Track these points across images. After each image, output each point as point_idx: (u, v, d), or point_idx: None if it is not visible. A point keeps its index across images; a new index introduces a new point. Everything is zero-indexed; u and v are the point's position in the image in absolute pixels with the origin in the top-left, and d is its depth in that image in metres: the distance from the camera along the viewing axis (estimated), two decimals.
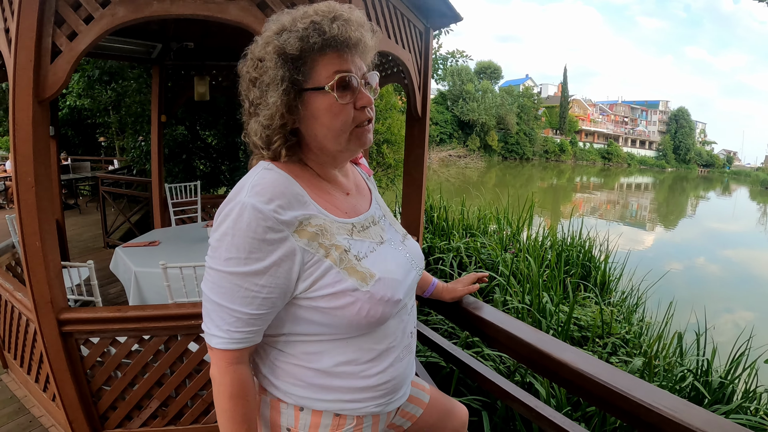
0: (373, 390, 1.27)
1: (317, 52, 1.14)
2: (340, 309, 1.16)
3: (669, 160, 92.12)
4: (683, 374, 3.92)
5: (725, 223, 29.64)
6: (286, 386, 1.25)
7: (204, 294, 1.16)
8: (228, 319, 1.12)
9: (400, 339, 1.33)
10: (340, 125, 1.18)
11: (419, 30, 4.00)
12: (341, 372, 1.23)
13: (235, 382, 1.16)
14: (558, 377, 1.46)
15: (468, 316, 1.80)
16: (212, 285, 1.13)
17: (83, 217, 10.81)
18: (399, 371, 1.34)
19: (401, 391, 1.38)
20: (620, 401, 1.26)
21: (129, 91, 8.96)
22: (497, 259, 6.05)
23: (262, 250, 1.09)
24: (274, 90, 1.15)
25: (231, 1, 2.47)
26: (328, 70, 1.15)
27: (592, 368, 1.36)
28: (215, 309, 1.14)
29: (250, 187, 1.13)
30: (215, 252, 1.11)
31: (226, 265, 1.10)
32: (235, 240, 1.08)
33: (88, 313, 2.83)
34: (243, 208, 1.09)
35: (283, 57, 1.13)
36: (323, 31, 1.12)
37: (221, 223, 1.11)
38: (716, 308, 10.41)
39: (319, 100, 1.16)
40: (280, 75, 1.14)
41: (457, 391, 3.27)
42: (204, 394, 2.98)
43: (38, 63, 2.44)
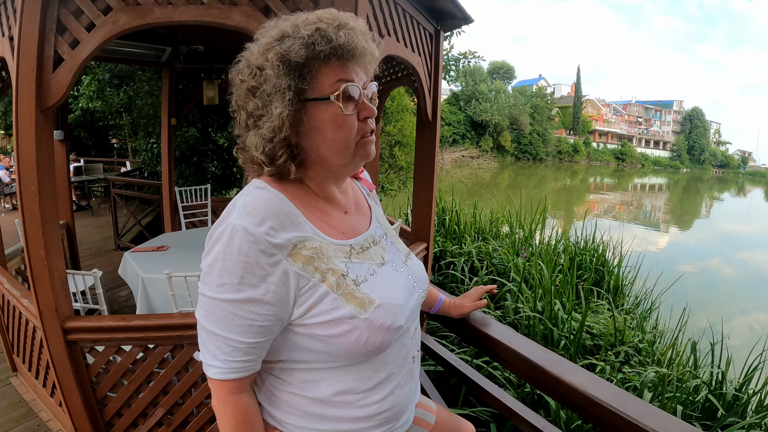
0: (372, 419, 1.22)
1: (322, 61, 1.08)
2: (337, 337, 1.11)
3: (683, 161, 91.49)
4: (697, 386, 3.85)
5: (740, 224, 29.36)
6: (281, 414, 1.21)
7: (198, 322, 1.11)
8: (224, 348, 1.08)
9: (401, 365, 1.27)
10: (344, 137, 1.13)
11: (429, 33, 3.95)
12: (339, 401, 1.18)
13: (237, 412, 1.12)
14: (567, 401, 1.41)
15: (474, 332, 1.75)
16: (206, 313, 1.09)
17: (95, 219, 10.86)
18: (400, 399, 1.28)
19: (402, 418, 1.32)
20: (631, 429, 1.21)
21: (140, 94, 8.99)
22: (509, 264, 5.99)
23: (255, 275, 1.04)
24: (278, 100, 1.08)
25: (234, 7, 2.44)
26: (332, 79, 1.09)
27: (603, 393, 1.31)
28: (211, 338, 1.09)
29: (241, 207, 1.08)
30: (207, 278, 1.07)
31: (219, 292, 1.05)
32: (227, 265, 1.04)
33: (92, 322, 2.82)
34: (234, 231, 1.04)
35: (287, 64, 1.07)
36: (330, 38, 1.06)
37: (212, 246, 1.06)
38: (731, 311, 10.31)
39: (322, 111, 1.10)
40: (285, 84, 1.07)
41: (466, 401, 3.23)
42: (209, 402, 2.95)
43: (40, 71, 2.43)
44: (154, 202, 8.55)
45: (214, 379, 1.10)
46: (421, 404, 1.57)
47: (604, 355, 4.24)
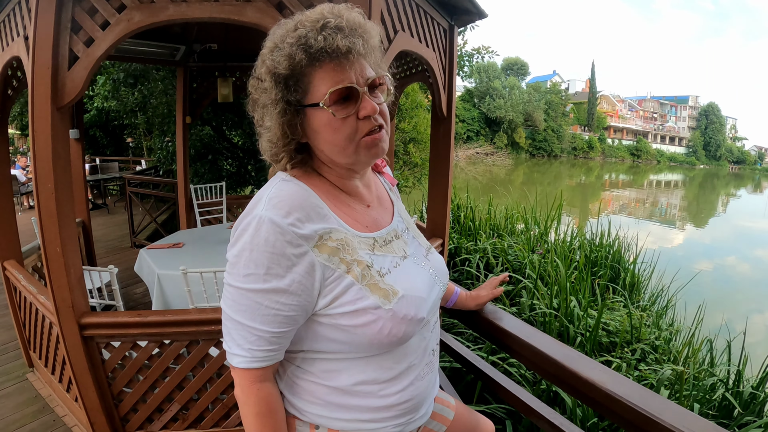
0: (392, 410, 1.23)
1: (309, 67, 1.09)
2: (360, 327, 1.12)
3: (699, 157, 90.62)
4: (714, 384, 3.81)
5: (756, 221, 29.02)
6: (302, 403, 1.22)
7: (223, 312, 1.13)
8: (249, 337, 1.09)
9: (421, 357, 1.28)
10: (342, 139, 1.13)
11: (443, 28, 3.94)
12: (359, 391, 1.19)
13: (260, 401, 1.14)
14: (585, 397, 1.39)
15: (490, 327, 1.74)
16: (231, 303, 1.10)
17: (111, 217, 10.96)
18: (420, 390, 1.29)
19: (422, 410, 1.32)
20: (650, 426, 1.19)
21: (155, 93, 9.03)
22: (524, 260, 5.97)
23: (281, 266, 1.05)
24: (271, 111, 1.13)
25: (248, 3, 2.44)
26: (325, 84, 1.09)
27: (621, 389, 1.29)
28: (236, 327, 1.10)
29: (268, 199, 1.10)
30: (233, 268, 1.08)
31: (245, 282, 1.06)
32: (254, 255, 1.05)
33: (108, 318, 2.83)
34: (260, 222, 1.05)
35: (275, 77, 1.10)
36: (309, 45, 1.06)
37: (239, 237, 1.08)
38: (747, 308, 10.19)
39: (317, 116, 1.12)
40: (274, 96, 1.11)
41: (481, 398, 3.22)
42: (225, 398, 2.98)
43: (56, 70, 2.45)
44: (170, 200, 8.60)
45: (238, 368, 1.12)
46: (440, 399, 1.57)
47: (620, 352, 4.21)
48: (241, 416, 1.16)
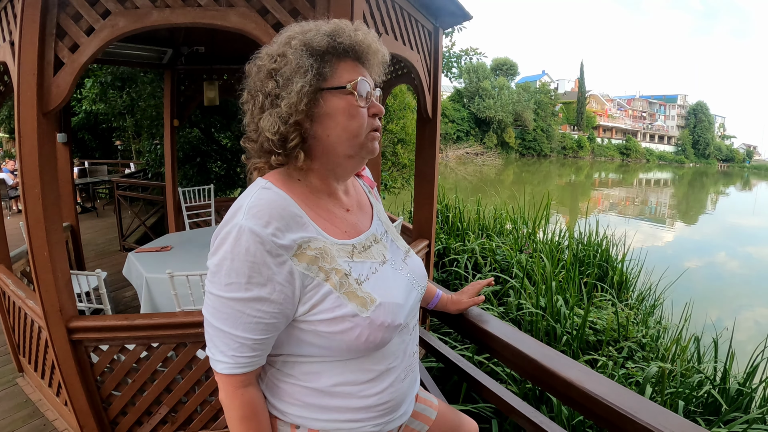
0: (371, 410, 1.26)
1: (337, 57, 1.17)
2: (339, 334, 1.15)
3: (688, 155, 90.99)
4: (700, 381, 3.85)
5: (746, 218, 29.20)
6: (283, 405, 1.24)
7: (206, 319, 1.15)
8: (232, 344, 1.12)
9: (401, 359, 1.32)
10: (356, 127, 1.19)
11: (428, 30, 3.96)
12: (339, 392, 1.22)
13: (244, 405, 1.17)
14: (563, 396, 1.42)
15: (473, 329, 1.77)
16: (213, 311, 1.12)
17: (100, 221, 10.90)
18: (400, 391, 1.32)
19: (401, 409, 1.36)
20: (627, 424, 1.22)
21: (143, 95, 9.02)
22: (512, 260, 6.00)
23: (262, 275, 1.08)
24: (300, 77, 1.13)
25: (231, 8, 2.46)
26: (350, 74, 1.17)
27: (599, 388, 1.32)
28: (218, 335, 1.13)
29: (247, 209, 1.11)
30: (214, 277, 1.10)
31: (226, 291, 1.09)
32: (235, 265, 1.07)
33: (96, 322, 2.84)
34: (240, 232, 1.07)
35: (310, 50, 1.14)
36: (349, 34, 1.16)
37: (219, 246, 1.10)
38: (736, 305, 10.27)
39: (337, 100, 1.17)
40: (307, 64, 1.13)
41: (467, 397, 3.24)
42: (213, 400, 2.99)
43: (41, 75, 2.46)
44: (158, 203, 8.57)
45: (222, 373, 1.15)
46: (422, 399, 1.60)
47: (607, 350, 4.24)
48: (226, 420, 1.19)
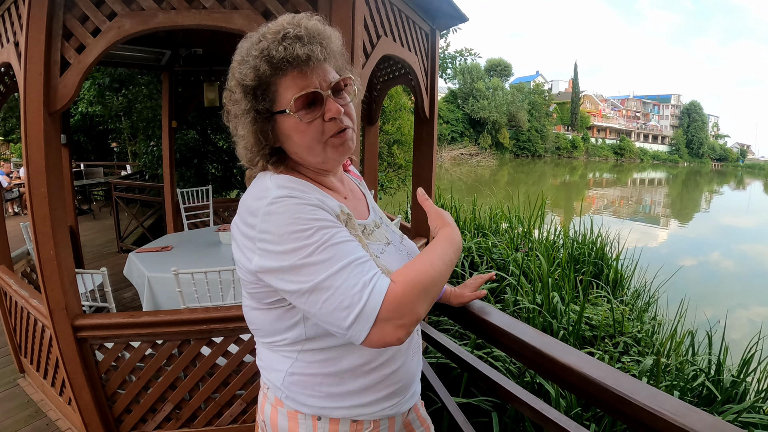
0: (386, 391, 1.29)
1: (274, 76, 1.15)
2: None
3: (682, 155, 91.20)
4: (695, 373, 3.90)
5: (739, 217, 29.28)
6: (303, 398, 1.26)
7: (319, 289, 1.04)
8: (360, 269, 1.05)
9: (408, 340, 1.32)
10: (309, 141, 1.19)
11: (425, 32, 4.01)
12: (358, 375, 1.25)
13: (408, 287, 1.06)
14: (563, 381, 1.46)
15: (476, 320, 1.80)
16: (319, 268, 1.04)
17: (97, 223, 10.90)
18: (409, 370, 1.36)
19: (411, 389, 1.40)
20: (624, 405, 1.25)
21: (140, 97, 9.02)
22: (508, 258, 6.05)
23: (316, 214, 1.09)
24: (243, 121, 1.20)
25: (235, 11, 2.50)
26: (290, 91, 1.15)
27: (597, 372, 1.35)
28: (344, 277, 1.03)
29: (275, 187, 1.14)
30: (289, 253, 1.05)
31: (307, 248, 1.05)
32: (291, 227, 1.06)
33: (102, 319, 2.87)
34: (281, 200, 1.09)
35: (244, 89, 1.17)
36: (271, 56, 1.12)
37: (268, 227, 1.08)
38: (730, 303, 10.28)
39: (286, 122, 1.18)
40: (244, 107, 1.18)
41: (467, 391, 3.28)
42: (217, 396, 3.02)
43: (48, 76, 2.49)
44: (156, 205, 8.58)
45: (386, 293, 1.03)
46: (422, 419, 1.60)
47: (603, 345, 4.29)
48: (434, 274, 1.11)
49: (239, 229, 1.16)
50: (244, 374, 2.99)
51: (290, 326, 1.22)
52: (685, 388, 3.66)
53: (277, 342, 1.26)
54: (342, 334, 1.04)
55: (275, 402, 1.31)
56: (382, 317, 1.02)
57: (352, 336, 1.03)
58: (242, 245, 1.15)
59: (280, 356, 1.27)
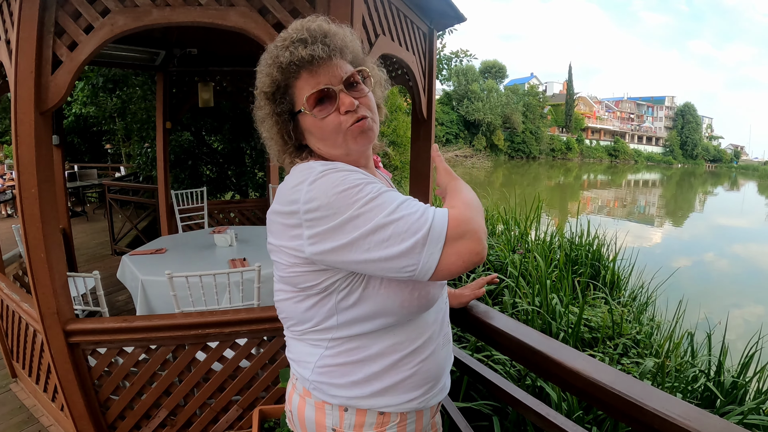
0: (412, 383, 1.29)
1: (288, 80, 1.23)
2: (395, 286, 1.18)
3: (676, 156, 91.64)
4: (695, 375, 3.88)
5: (734, 218, 29.42)
6: (330, 389, 1.27)
7: (380, 226, 1.05)
8: (414, 202, 1.09)
9: (439, 328, 1.37)
10: (328, 134, 1.24)
11: (423, 31, 3.98)
12: (384, 367, 1.25)
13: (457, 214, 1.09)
14: (571, 386, 1.42)
15: (477, 323, 1.77)
16: (371, 215, 1.06)
17: (91, 225, 10.83)
18: (439, 360, 1.36)
19: (441, 382, 1.39)
20: (634, 410, 1.23)
21: (134, 98, 8.98)
22: (506, 260, 6.01)
23: (367, 178, 1.12)
24: (266, 125, 1.31)
25: (231, 8, 2.46)
26: (304, 91, 1.21)
27: (605, 376, 1.32)
28: (402, 211, 1.06)
29: (319, 165, 1.17)
30: (342, 210, 1.06)
31: (359, 197, 1.07)
32: (343, 184, 1.09)
33: (94, 324, 2.83)
34: (326, 173, 1.12)
35: (265, 95, 1.26)
36: (281, 63, 1.20)
37: (313, 195, 1.09)
38: (726, 303, 10.33)
39: (305, 120, 1.25)
40: (266, 111, 1.28)
41: (467, 395, 3.24)
42: (212, 402, 2.98)
43: (39, 74, 2.45)
44: (150, 207, 8.53)
45: (446, 223, 1.06)
46: None
47: (602, 347, 4.26)
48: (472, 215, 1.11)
49: (278, 218, 1.19)
50: (240, 380, 2.95)
51: (323, 313, 1.22)
52: (686, 390, 3.63)
53: (307, 330, 1.27)
54: (413, 267, 1.05)
55: (303, 393, 1.33)
56: (452, 235, 1.04)
57: (425, 264, 1.04)
58: (284, 234, 1.17)
59: (310, 346, 1.29)
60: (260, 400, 3.01)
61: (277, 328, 2.86)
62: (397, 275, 1.08)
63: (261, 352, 2.94)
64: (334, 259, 1.10)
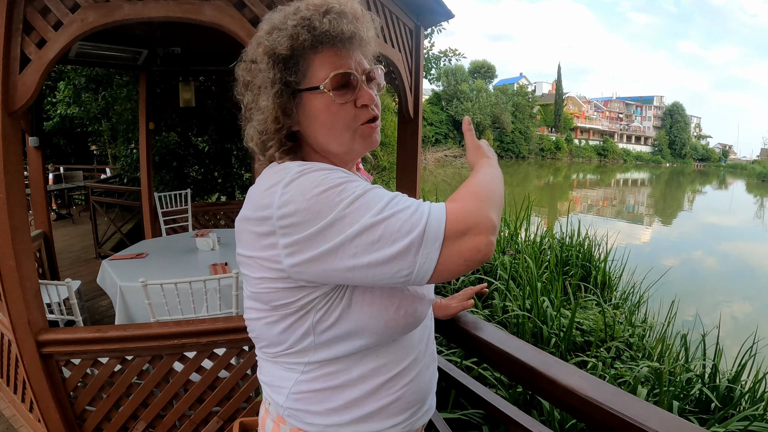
0: (396, 407, 1.17)
1: (310, 50, 1.07)
2: (379, 302, 1.06)
3: (665, 155, 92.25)
4: (690, 379, 3.82)
5: (722, 216, 29.66)
6: (305, 416, 1.15)
7: (368, 228, 0.92)
8: (406, 198, 0.97)
9: (424, 348, 1.26)
10: (340, 125, 1.10)
11: (409, 28, 3.91)
12: (366, 392, 1.13)
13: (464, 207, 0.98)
14: (563, 404, 1.34)
15: (465, 335, 1.69)
16: (358, 216, 0.93)
17: (76, 228, 10.69)
18: (425, 382, 1.25)
19: (427, 404, 1.28)
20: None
21: (119, 99, 8.88)
22: (495, 262, 5.95)
23: (349, 176, 0.99)
24: (265, 93, 1.08)
25: (206, 2, 2.37)
26: (326, 69, 1.07)
27: (603, 395, 1.24)
28: (393, 209, 0.93)
29: (296, 165, 1.03)
30: (323, 213, 0.93)
31: (342, 197, 0.94)
32: (323, 184, 0.96)
33: (67, 334, 2.75)
34: (302, 173, 0.98)
35: (274, 58, 1.06)
36: (314, 27, 1.04)
37: (289, 198, 0.96)
38: (715, 301, 10.42)
39: (316, 100, 1.09)
40: (271, 77, 1.07)
41: (456, 403, 3.16)
42: (192, 414, 2.89)
43: (6, 72, 2.35)
44: (135, 209, 8.40)
45: (446, 218, 0.93)
46: None
47: (595, 351, 4.20)
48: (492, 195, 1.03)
49: (247, 225, 1.05)
50: (219, 390, 2.86)
51: (299, 335, 1.08)
52: (681, 395, 3.58)
53: (280, 353, 1.13)
54: (408, 271, 0.93)
55: (277, 419, 1.21)
56: (452, 232, 0.92)
57: (422, 266, 0.92)
58: (255, 243, 1.03)
59: (284, 369, 1.15)
60: (241, 411, 2.93)
61: None
62: (390, 281, 0.96)
63: (241, 362, 2.86)
64: (316, 269, 0.97)
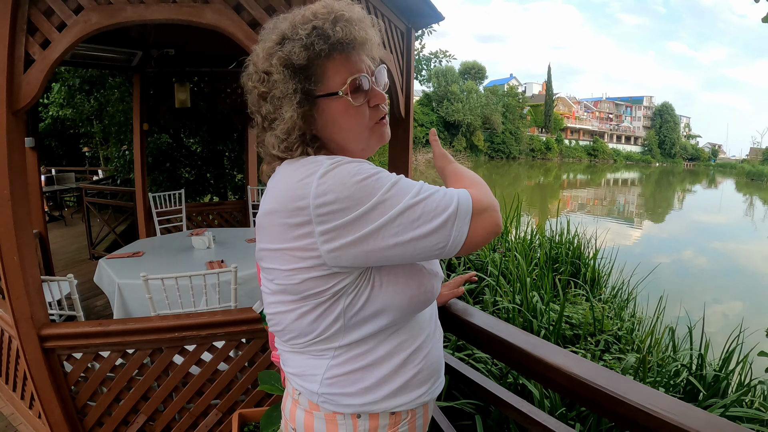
0: (420, 379, 1.27)
1: (325, 59, 1.13)
2: (403, 279, 1.16)
3: (655, 155, 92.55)
4: (677, 369, 3.90)
5: (712, 215, 29.81)
6: (341, 398, 1.21)
7: (409, 207, 1.03)
8: (432, 186, 1.09)
9: (434, 324, 1.38)
10: (358, 126, 1.18)
11: (400, 30, 3.97)
12: (394, 368, 1.22)
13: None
14: (551, 382, 1.42)
15: (458, 322, 1.76)
16: (397, 200, 1.04)
17: (69, 229, 10.67)
18: (438, 353, 1.37)
19: (441, 374, 1.39)
20: (617, 405, 1.22)
21: (111, 100, 8.89)
22: (486, 259, 6.02)
23: (380, 169, 1.07)
24: (288, 104, 1.13)
25: (206, 5, 2.43)
26: (342, 74, 1.14)
27: (586, 372, 1.32)
28: (426, 192, 1.06)
29: (326, 158, 1.09)
30: (364, 199, 1.02)
31: (380, 184, 1.04)
32: (360, 173, 1.04)
33: (69, 329, 2.78)
34: (337, 164, 1.05)
35: (291, 68, 1.12)
36: (327, 35, 1.10)
37: (327, 188, 1.03)
38: (705, 299, 10.43)
39: (334, 105, 1.15)
40: (292, 87, 1.12)
41: (449, 394, 3.23)
42: (191, 407, 2.94)
43: (11, 73, 2.40)
44: (128, 210, 8.42)
45: (470, 200, 1.08)
46: None
47: (584, 344, 4.28)
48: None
49: (276, 218, 1.09)
50: (218, 383, 2.91)
51: (329, 322, 1.15)
52: (668, 385, 3.66)
53: (309, 342, 1.20)
54: (444, 243, 1.05)
55: (309, 407, 1.26)
56: (478, 210, 1.07)
57: (455, 239, 1.05)
58: (285, 235, 1.08)
59: (314, 358, 1.22)
60: (240, 403, 2.98)
61: (255, 330, 2.83)
62: (427, 254, 1.07)
63: (239, 355, 2.91)
64: (354, 252, 1.05)
